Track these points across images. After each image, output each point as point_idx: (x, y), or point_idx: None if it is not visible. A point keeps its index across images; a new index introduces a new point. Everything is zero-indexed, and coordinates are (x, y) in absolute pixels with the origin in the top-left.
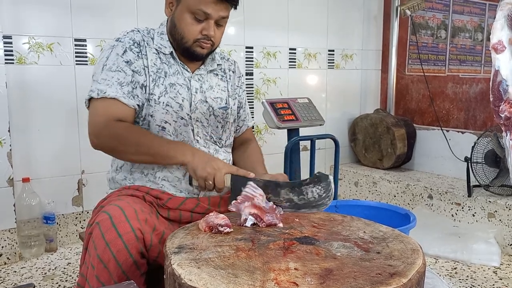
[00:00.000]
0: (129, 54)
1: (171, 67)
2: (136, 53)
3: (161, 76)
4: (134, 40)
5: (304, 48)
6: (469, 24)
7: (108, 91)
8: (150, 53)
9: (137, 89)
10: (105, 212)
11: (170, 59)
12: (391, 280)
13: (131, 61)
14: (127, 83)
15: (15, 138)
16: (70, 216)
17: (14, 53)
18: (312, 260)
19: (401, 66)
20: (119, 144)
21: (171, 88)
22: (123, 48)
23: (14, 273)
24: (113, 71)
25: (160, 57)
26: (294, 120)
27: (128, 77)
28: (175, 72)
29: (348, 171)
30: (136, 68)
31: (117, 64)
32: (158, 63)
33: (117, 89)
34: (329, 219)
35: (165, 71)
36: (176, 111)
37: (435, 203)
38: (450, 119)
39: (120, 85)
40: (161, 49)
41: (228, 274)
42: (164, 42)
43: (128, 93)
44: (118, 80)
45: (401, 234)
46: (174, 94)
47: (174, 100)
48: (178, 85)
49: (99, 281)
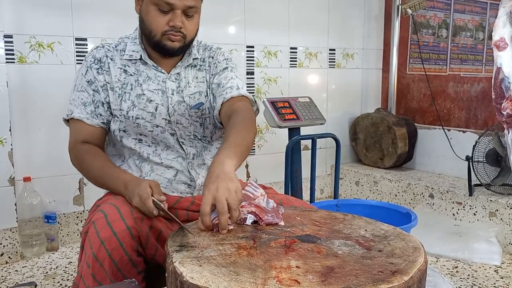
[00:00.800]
0: (89, 73)
1: (140, 75)
2: (95, 70)
3: (126, 91)
4: (95, 57)
5: (305, 47)
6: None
7: (74, 112)
8: (114, 69)
9: (99, 108)
10: (100, 211)
11: (140, 66)
12: (392, 278)
13: (91, 80)
14: (89, 103)
15: (16, 137)
16: (71, 215)
17: (15, 52)
18: (314, 258)
19: (402, 65)
20: (80, 169)
21: (139, 100)
22: (86, 68)
23: (15, 272)
24: (78, 91)
25: (126, 70)
26: (295, 119)
27: (90, 96)
28: (146, 79)
29: (349, 171)
30: (95, 87)
31: (81, 84)
32: (123, 78)
33: (81, 110)
34: (330, 218)
35: (130, 84)
36: (149, 121)
37: (436, 202)
38: (451, 118)
39: (83, 105)
40: (132, 56)
41: (229, 272)
42: (136, 47)
43: (91, 113)
44: (82, 100)
45: (402, 232)
46: (143, 105)
47: (144, 111)
48: (150, 91)
49: (95, 279)
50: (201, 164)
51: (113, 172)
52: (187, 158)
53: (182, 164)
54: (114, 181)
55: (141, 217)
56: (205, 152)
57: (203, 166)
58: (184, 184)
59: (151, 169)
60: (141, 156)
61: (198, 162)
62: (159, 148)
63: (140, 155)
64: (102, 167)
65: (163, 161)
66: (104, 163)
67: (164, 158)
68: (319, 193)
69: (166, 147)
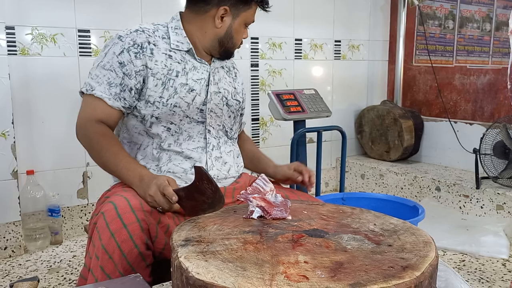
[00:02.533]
0: (125, 55)
1: (187, 63)
2: (134, 54)
3: (171, 78)
4: (135, 42)
5: (310, 39)
6: (477, 14)
7: (96, 89)
8: (159, 55)
9: (125, 92)
10: (110, 202)
11: (185, 56)
12: (403, 274)
13: (124, 63)
14: (116, 85)
15: (19, 130)
16: (75, 209)
17: (17, 44)
18: (322, 253)
19: (409, 57)
20: (89, 148)
21: (182, 88)
22: (121, 49)
23: (19, 266)
24: (106, 69)
25: (171, 55)
26: (300, 111)
27: (118, 78)
28: (191, 69)
29: (354, 163)
30: (128, 71)
31: (111, 63)
32: (169, 64)
33: (105, 89)
34: (338, 211)
35: (177, 71)
36: (184, 110)
37: (443, 195)
38: (458, 111)
39: (109, 85)
40: (178, 46)
41: (236, 267)
42: (181, 38)
43: (115, 95)
44: (108, 80)
45: (412, 227)
46: (183, 94)
47: (183, 100)
48: (193, 81)
49: (104, 272)
50: (218, 157)
51: (128, 162)
52: (207, 147)
53: (201, 154)
54: (128, 172)
55: (150, 211)
56: (223, 146)
57: (219, 159)
58: None
59: (169, 159)
60: (161, 146)
61: (216, 155)
62: (181, 138)
63: (161, 143)
64: (117, 154)
65: (183, 151)
66: (119, 150)
67: (185, 148)
68: (324, 187)
69: (189, 137)
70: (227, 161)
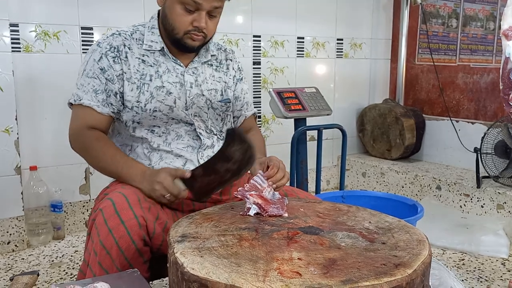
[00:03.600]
0: (104, 61)
1: (160, 66)
2: (112, 59)
3: (145, 82)
4: (111, 45)
5: (313, 37)
6: (480, 13)
7: (84, 99)
8: (132, 59)
9: (111, 97)
10: (108, 199)
11: (159, 57)
12: (395, 271)
13: (105, 68)
14: (102, 91)
15: (22, 126)
16: (78, 204)
17: (21, 41)
18: (316, 250)
19: (411, 56)
20: (86, 154)
21: (159, 92)
22: (100, 54)
23: (22, 260)
24: (89, 77)
25: (144, 60)
26: (301, 109)
27: (102, 84)
28: (165, 71)
29: (355, 162)
30: (110, 76)
31: (93, 71)
32: (142, 69)
33: (92, 97)
34: (334, 209)
35: (150, 75)
36: (166, 113)
37: (444, 194)
38: (460, 110)
39: (95, 92)
40: (151, 46)
41: (231, 263)
42: (154, 37)
43: (103, 101)
44: (93, 88)
45: (407, 225)
46: (162, 97)
47: (162, 103)
48: (169, 84)
49: (101, 267)
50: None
51: (128, 161)
52: (197, 148)
53: (192, 153)
54: (129, 170)
55: (148, 207)
56: (216, 145)
57: None
58: None
59: (160, 158)
60: (151, 145)
61: (208, 154)
62: (169, 137)
63: (150, 144)
64: (114, 155)
65: (173, 150)
66: (116, 151)
67: (174, 147)
68: (325, 184)
69: (177, 137)
70: None
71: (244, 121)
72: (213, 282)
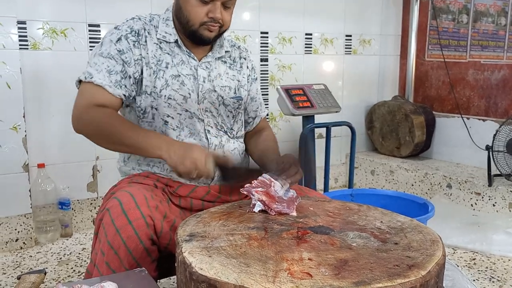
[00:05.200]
0: (123, 43)
1: (175, 57)
2: (132, 42)
3: (161, 68)
4: (132, 29)
5: (321, 33)
6: (492, 8)
7: (95, 77)
8: (151, 44)
9: (126, 79)
10: (115, 199)
11: (175, 48)
12: (409, 272)
13: (123, 50)
14: (116, 72)
15: (30, 124)
16: (85, 202)
17: (28, 38)
18: (327, 250)
19: (421, 52)
20: (96, 130)
21: (174, 80)
22: (118, 36)
23: (30, 258)
24: (104, 57)
25: (161, 47)
26: (309, 107)
27: (118, 66)
28: (180, 62)
29: (364, 160)
30: (127, 59)
31: (108, 51)
32: (158, 54)
33: (104, 76)
34: (344, 208)
35: (166, 62)
36: (180, 103)
37: (454, 192)
38: (470, 107)
39: (108, 72)
40: (165, 37)
41: (240, 263)
42: (169, 29)
43: (116, 82)
44: (107, 68)
45: (419, 225)
46: (177, 86)
47: (177, 93)
48: (183, 75)
49: (109, 267)
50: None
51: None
52: (209, 147)
53: None
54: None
55: (155, 206)
56: (227, 144)
57: None
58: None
59: None
60: None
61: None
62: (182, 134)
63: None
64: (133, 127)
65: None
66: (133, 124)
67: None
68: (333, 182)
69: (190, 134)
70: None
71: (260, 121)
72: (222, 282)
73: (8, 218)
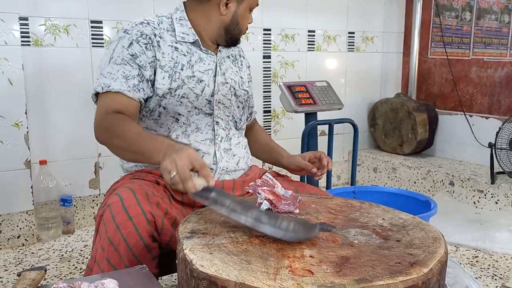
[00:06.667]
0: (135, 47)
1: (192, 55)
2: (144, 45)
3: (177, 70)
4: (143, 32)
5: (324, 31)
6: (495, 6)
7: (112, 85)
8: (165, 47)
9: (143, 83)
10: (116, 195)
11: (192, 47)
12: (411, 270)
13: (137, 54)
14: (133, 76)
15: (32, 120)
16: (87, 199)
17: (30, 35)
18: (328, 248)
19: (424, 49)
20: (110, 136)
21: (189, 80)
22: (129, 41)
23: (31, 255)
24: (118, 64)
25: (177, 47)
26: (312, 104)
27: (134, 70)
28: (197, 60)
29: (367, 157)
30: (142, 63)
31: (122, 57)
32: (175, 57)
33: (121, 83)
34: (346, 205)
35: (182, 64)
36: (192, 101)
37: (457, 190)
38: (473, 104)
39: (125, 78)
40: (184, 38)
41: (241, 260)
42: (186, 30)
43: (134, 86)
44: (124, 74)
45: (422, 222)
46: (192, 85)
47: (192, 91)
48: (200, 72)
49: (109, 263)
50: (228, 149)
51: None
52: (215, 139)
53: (209, 146)
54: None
55: (156, 202)
56: (233, 138)
57: (229, 151)
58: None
59: None
60: (169, 135)
61: (224, 147)
62: (189, 129)
63: (169, 133)
64: (140, 132)
65: (191, 143)
66: (142, 130)
67: (192, 139)
68: (336, 180)
69: (196, 129)
70: (236, 153)
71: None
72: (222, 279)
73: (10, 214)
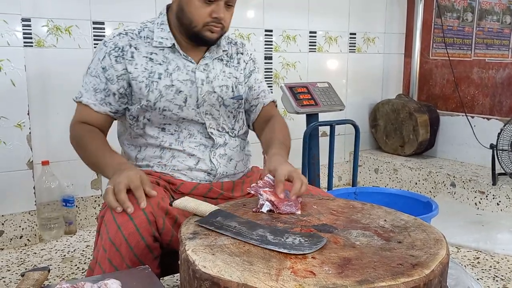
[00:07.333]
0: (106, 60)
1: (169, 64)
2: (114, 58)
3: (154, 80)
4: (117, 45)
5: (325, 31)
6: (497, 7)
7: (83, 96)
8: (139, 58)
9: (109, 97)
10: None
11: (169, 55)
12: (413, 271)
13: (106, 67)
14: (100, 90)
15: (34, 121)
16: (89, 199)
17: (33, 36)
18: (330, 249)
19: (425, 50)
20: (76, 145)
21: (168, 91)
22: (104, 54)
23: (34, 255)
24: (92, 75)
25: (152, 58)
26: (313, 105)
27: (102, 84)
28: (175, 69)
29: (368, 158)
30: (109, 76)
31: (96, 69)
32: (150, 67)
33: (90, 95)
34: (348, 207)
35: (159, 73)
36: (176, 113)
37: (458, 191)
38: (475, 105)
39: (94, 91)
40: (161, 43)
41: (243, 261)
42: (164, 34)
43: (101, 100)
44: (94, 86)
45: (423, 223)
46: (171, 97)
47: (172, 103)
48: (179, 82)
49: (111, 264)
50: (223, 155)
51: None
52: (210, 146)
53: (204, 152)
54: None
55: (157, 203)
56: (229, 143)
57: (224, 156)
58: (204, 172)
59: (172, 156)
60: (162, 145)
61: (220, 152)
62: (181, 136)
63: (161, 143)
64: (100, 146)
65: (185, 149)
66: (104, 144)
67: (186, 146)
68: (337, 181)
69: (189, 135)
70: (233, 158)
71: (263, 109)
72: (225, 280)
73: (13, 215)
